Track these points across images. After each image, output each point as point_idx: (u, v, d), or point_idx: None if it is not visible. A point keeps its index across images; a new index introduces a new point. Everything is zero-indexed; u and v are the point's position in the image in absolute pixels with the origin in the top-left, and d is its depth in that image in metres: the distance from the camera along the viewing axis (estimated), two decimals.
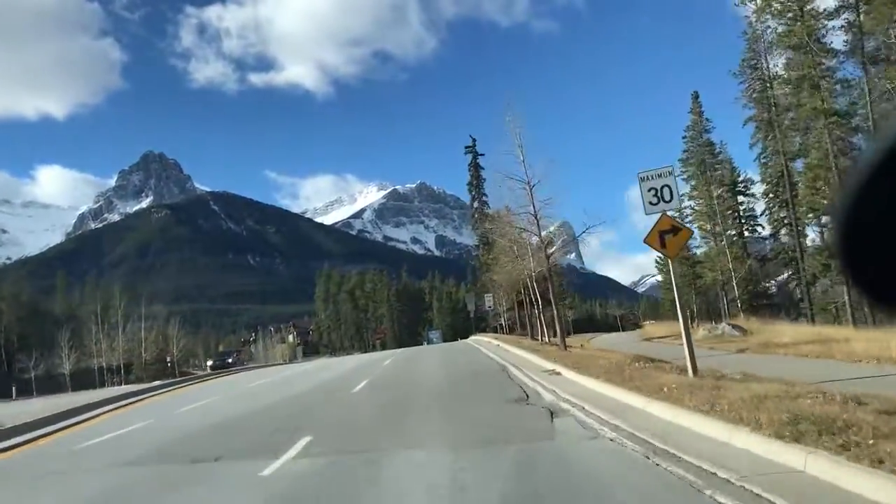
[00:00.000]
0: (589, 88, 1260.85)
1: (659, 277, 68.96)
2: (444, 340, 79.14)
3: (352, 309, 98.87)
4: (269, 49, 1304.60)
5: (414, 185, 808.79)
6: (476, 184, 68.52)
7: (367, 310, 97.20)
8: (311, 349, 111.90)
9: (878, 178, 0.92)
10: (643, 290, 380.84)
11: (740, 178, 52.67)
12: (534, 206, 25.27)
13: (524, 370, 17.60)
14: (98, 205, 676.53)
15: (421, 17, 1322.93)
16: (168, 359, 69.77)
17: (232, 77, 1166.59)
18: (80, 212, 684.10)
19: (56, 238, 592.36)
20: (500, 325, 59.79)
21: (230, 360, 50.29)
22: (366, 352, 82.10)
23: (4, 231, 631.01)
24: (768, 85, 44.90)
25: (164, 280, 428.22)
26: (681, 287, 53.42)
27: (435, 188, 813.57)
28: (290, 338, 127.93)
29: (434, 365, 24.70)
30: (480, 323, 70.59)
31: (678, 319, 12.77)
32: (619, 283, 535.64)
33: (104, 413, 19.79)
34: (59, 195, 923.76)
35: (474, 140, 69.27)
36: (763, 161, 47.72)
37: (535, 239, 27.99)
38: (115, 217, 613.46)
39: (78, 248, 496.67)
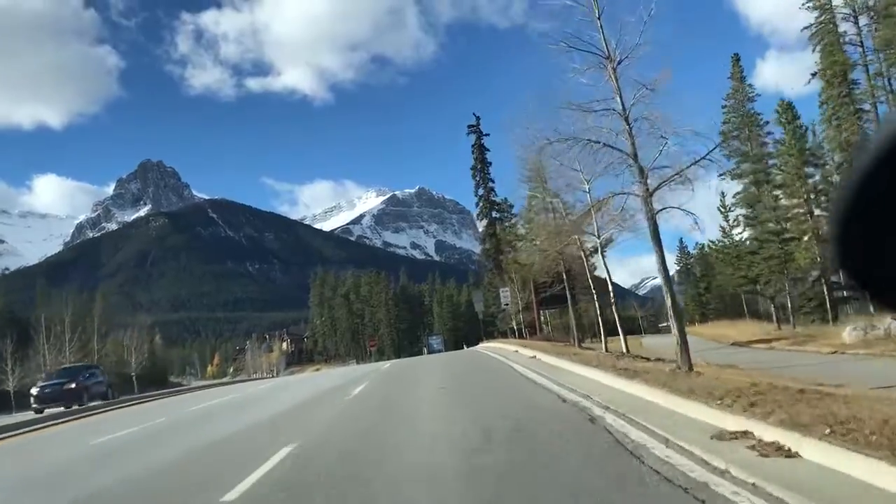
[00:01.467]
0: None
1: (656, 281, 59.77)
2: (446, 347, 75.07)
3: (347, 314, 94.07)
4: (266, 54, 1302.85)
5: (413, 191, 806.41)
6: (481, 167, 61.17)
7: (363, 315, 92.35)
8: (305, 357, 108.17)
9: (879, 172, 0.92)
10: (644, 292, 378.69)
11: (809, 146, 43.04)
12: (621, 101, 14.24)
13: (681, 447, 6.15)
14: (96, 214, 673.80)
15: (419, 21, 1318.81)
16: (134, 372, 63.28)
17: (229, 83, 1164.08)
18: (77, 221, 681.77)
19: (54, 248, 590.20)
20: (513, 328, 50.06)
21: (74, 386, 26.58)
22: (361, 361, 78.37)
23: (2, 241, 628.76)
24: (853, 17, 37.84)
25: (162, 288, 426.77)
26: (768, 274, 45.37)
27: (434, 193, 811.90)
28: (284, 346, 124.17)
29: (436, 400, 13.28)
30: (488, 326, 65.08)
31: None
32: (619, 286, 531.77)
33: None
34: (57, 204, 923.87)
35: (478, 118, 62.87)
36: (836, 123, 39.40)
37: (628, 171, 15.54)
38: (112, 226, 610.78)
39: (76, 258, 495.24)
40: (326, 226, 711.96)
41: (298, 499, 5.91)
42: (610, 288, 22.41)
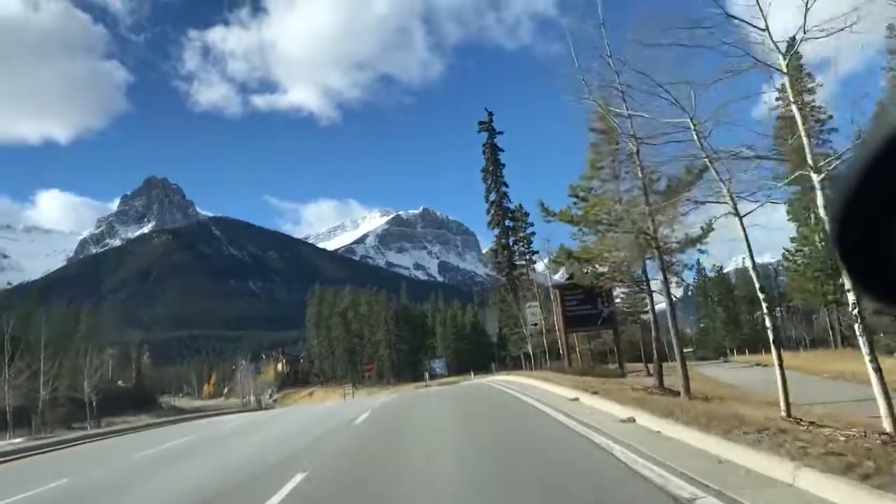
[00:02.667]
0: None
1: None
2: (449, 372, 70.27)
3: (344, 334, 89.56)
4: (273, 72, 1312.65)
5: (417, 211, 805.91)
6: (493, 169, 55.13)
7: (361, 335, 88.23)
8: (301, 379, 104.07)
9: (876, 170, 0.93)
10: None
11: None
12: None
13: None
14: (100, 230, 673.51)
15: (427, 41, 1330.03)
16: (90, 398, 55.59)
17: (235, 100, 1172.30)
18: (81, 237, 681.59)
19: (57, 263, 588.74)
20: (528, 353, 42.08)
21: None
22: (359, 385, 73.63)
23: (6, 256, 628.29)
24: None
25: (164, 305, 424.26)
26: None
27: (438, 214, 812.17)
28: (279, 366, 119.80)
29: None
30: (500, 350, 59.60)
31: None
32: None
33: None
34: (61, 220, 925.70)
35: (490, 114, 56.81)
36: None
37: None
38: (116, 242, 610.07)
39: (79, 274, 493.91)
40: (330, 245, 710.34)
41: None
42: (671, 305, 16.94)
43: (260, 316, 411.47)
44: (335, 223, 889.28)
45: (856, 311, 9.96)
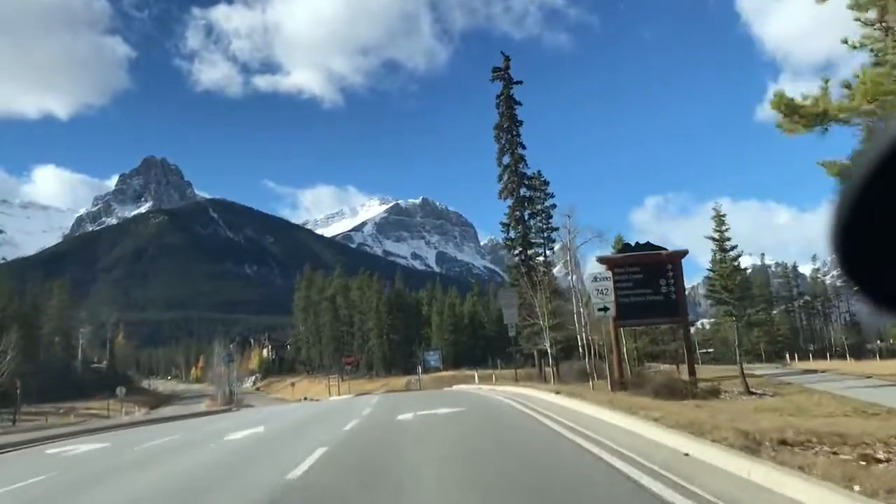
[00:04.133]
0: (601, 103, 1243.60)
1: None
2: (444, 365, 65.39)
3: (332, 320, 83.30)
4: (276, 53, 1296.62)
5: (417, 201, 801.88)
6: (509, 126, 45.28)
7: (351, 322, 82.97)
8: (286, 367, 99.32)
9: (876, 180, 0.93)
10: None
11: None
12: None
13: None
14: (97, 208, 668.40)
15: (433, 28, 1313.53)
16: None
17: (236, 80, 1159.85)
18: (78, 214, 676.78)
19: (54, 240, 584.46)
20: (547, 351, 35.18)
21: None
22: (347, 376, 68.30)
23: (1, 231, 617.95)
24: None
25: (159, 286, 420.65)
26: None
27: (438, 204, 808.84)
28: (265, 353, 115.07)
29: None
30: (506, 346, 49.64)
31: None
32: None
33: None
34: (58, 197, 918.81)
35: (507, 59, 47.38)
36: None
37: None
38: (112, 221, 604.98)
39: (73, 251, 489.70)
40: (328, 231, 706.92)
41: None
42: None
43: (255, 300, 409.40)
44: (333, 210, 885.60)
45: None
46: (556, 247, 41.26)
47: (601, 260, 27.47)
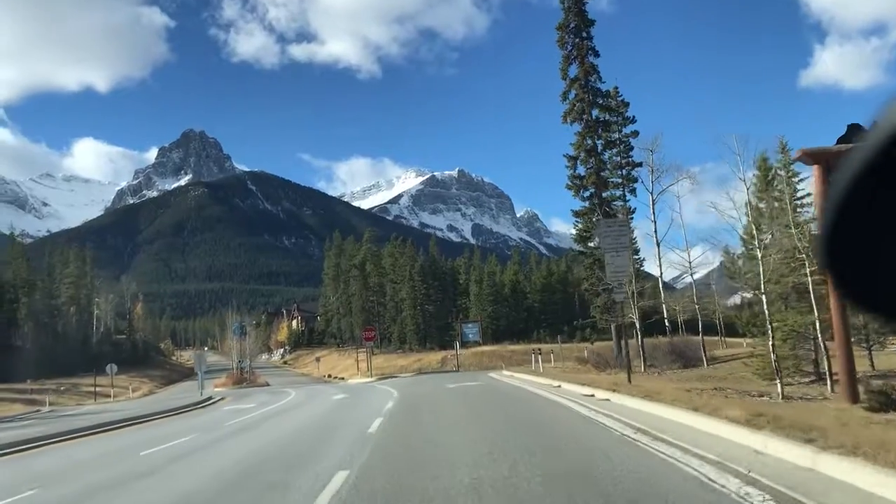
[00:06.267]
0: (648, 71, 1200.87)
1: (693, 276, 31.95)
2: (483, 340, 58.71)
3: (361, 289, 76.55)
4: (312, 22, 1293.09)
5: (453, 172, 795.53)
6: (577, 26, 34.89)
7: (382, 292, 76.46)
8: (316, 339, 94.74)
9: (865, 181, 0.90)
10: (681, 286, 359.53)
11: None
12: None
13: None
14: (137, 181, 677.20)
15: None
16: None
17: (272, 50, 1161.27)
18: (119, 187, 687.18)
19: (95, 212, 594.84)
20: (635, 323, 26.91)
21: None
22: (379, 349, 62.64)
23: (46, 204, 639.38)
24: None
25: (198, 258, 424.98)
26: None
27: (474, 176, 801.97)
28: (294, 324, 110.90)
29: None
30: (553, 318, 41.00)
31: None
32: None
33: None
34: (98, 169, 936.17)
35: None
36: None
37: None
38: (153, 193, 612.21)
39: (116, 223, 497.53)
40: (364, 204, 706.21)
41: None
42: None
43: (292, 272, 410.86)
44: (369, 182, 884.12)
45: None
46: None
47: (809, 155, 14.60)
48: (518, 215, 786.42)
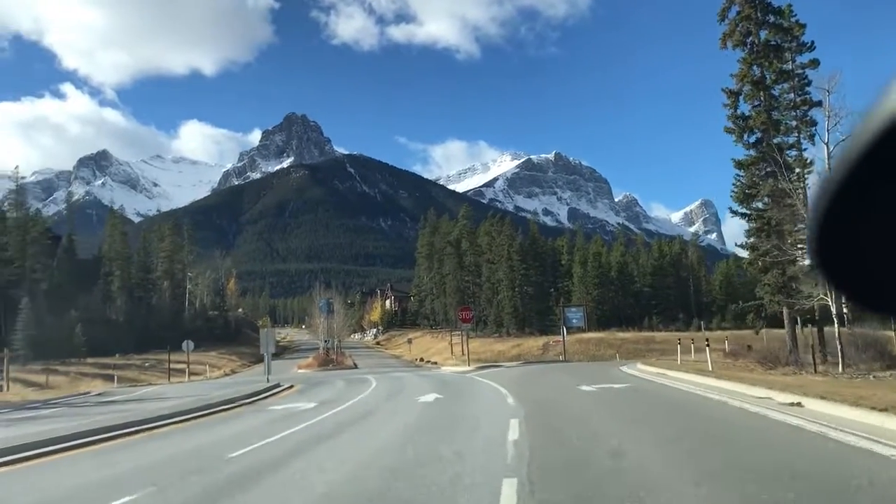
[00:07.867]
0: None
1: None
2: (587, 325, 53.25)
3: (456, 268, 72.19)
4: (411, 3, 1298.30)
5: (549, 156, 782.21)
6: None
7: (478, 272, 72.09)
8: (409, 320, 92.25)
9: (856, 176, 0.89)
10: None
11: None
12: None
13: None
14: (242, 163, 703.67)
15: None
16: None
17: (372, 31, 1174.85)
18: (225, 169, 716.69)
19: (203, 193, 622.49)
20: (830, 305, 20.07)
21: None
22: (479, 332, 58.40)
23: (156, 185, 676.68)
24: None
25: (298, 238, 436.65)
26: None
27: (570, 159, 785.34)
28: (388, 304, 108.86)
29: None
30: (664, 303, 31.19)
31: None
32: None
33: None
34: (204, 151, 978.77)
35: None
36: None
37: None
38: (256, 175, 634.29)
39: (220, 204, 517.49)
40: (459, 187, 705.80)
41: None
42: None
43: (388, 253, 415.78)
44: (464, 165, 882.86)
45: None
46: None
47: None
48: (616, 199, 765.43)
